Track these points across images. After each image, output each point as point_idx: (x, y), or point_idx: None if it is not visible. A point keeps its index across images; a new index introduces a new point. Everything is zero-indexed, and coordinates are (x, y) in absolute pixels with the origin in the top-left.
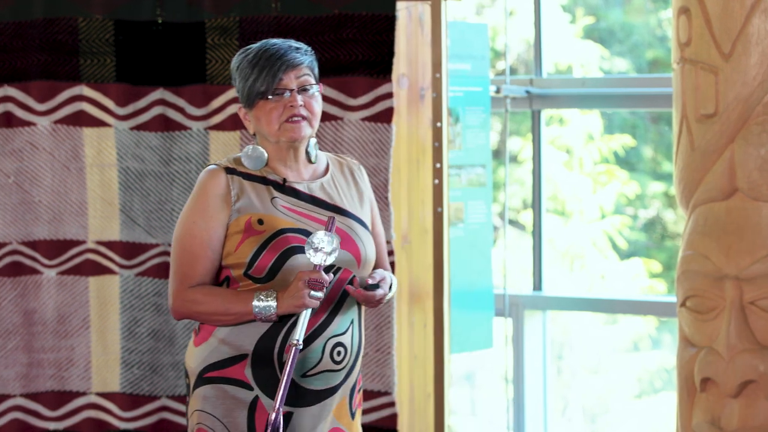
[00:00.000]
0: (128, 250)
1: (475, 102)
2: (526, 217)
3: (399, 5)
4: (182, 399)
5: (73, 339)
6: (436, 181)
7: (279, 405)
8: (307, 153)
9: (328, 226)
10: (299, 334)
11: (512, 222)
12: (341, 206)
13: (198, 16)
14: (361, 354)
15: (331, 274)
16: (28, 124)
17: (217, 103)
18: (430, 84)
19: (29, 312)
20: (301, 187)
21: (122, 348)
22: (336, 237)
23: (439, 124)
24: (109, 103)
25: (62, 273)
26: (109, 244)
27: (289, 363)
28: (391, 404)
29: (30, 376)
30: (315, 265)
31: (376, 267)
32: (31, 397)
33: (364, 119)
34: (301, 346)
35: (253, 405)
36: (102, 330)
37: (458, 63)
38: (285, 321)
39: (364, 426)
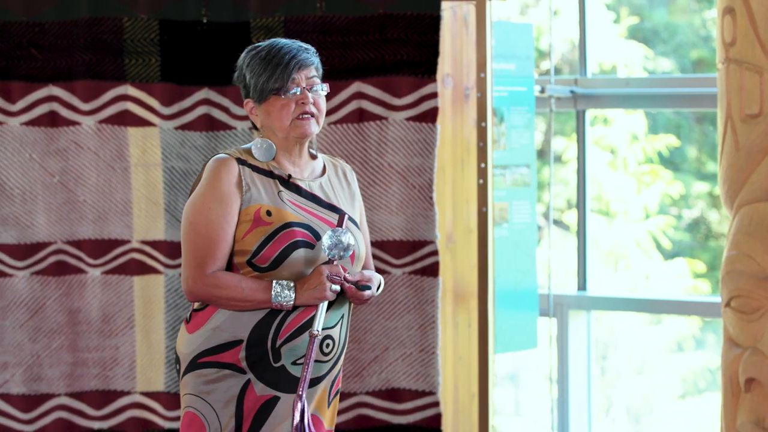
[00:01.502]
0: (173, 249)
1: (519, 102)
2: (571, 217)
3: (444, 5)
4: None
5: (118, 338)
6: (481, 181)
7: (303, 391)
8: (309, 150)
9: (340, 222)
10: (319, 324)
11: (556, 222)
12: (336, 205)
13: (243, 16)
14: (346, 349)
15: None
16: (73, 123)
17: None
18: (475, 84)
19: (74, 311)
20: (303, 185)
21: (167, 347)
22: (349, 233)
23: (483, 124)
24: (154, 103)
25: (107, 272)
26: (154, 244)
27: (311, 352)
28: (436, 404)
29: (75, 376)
30: (331, 260)
31: (362, 267)
32: (75, 397)
33: (408, 119)
34: (320, 336)
35: (244, 388)
36: (147, 329)
37: (503, 63)
38: (279, 311)
39: (409, 426)
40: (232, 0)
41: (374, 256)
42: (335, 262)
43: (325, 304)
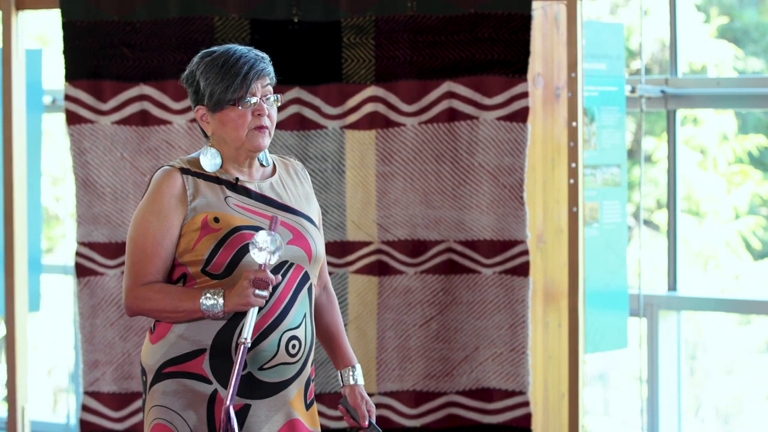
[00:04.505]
0: None
1: (610, 101)
2: (661, 217)
3: (535, 5)
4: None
5: None
6: (572, 181)
7: (230, 401)
8: (259, 160)
9: (271, 225)
10: (247, 332)
11: (647, 222)
12: (290, 205)
13: (334, 15)
14: (313, 347)
15: (279, 276)
16: (165, 122)
17: (352, 102)
18: (566, 83)
19: None
20: (252, 187)
21: None
22: (278, 236)
23: (574, 124)
24: None
25: None
26: None
27: (239, 361)
28: (526, 404)
29: None
30: (260, 265)
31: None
32: None
33: (499, 118)
34: (249, 344)
35: (212, 398)
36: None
37: (593, 62)
38: (242, 316)
39: (499, 425)
40: None
41: (465, 256)
42: (264, 266)
43: (255, 310)
